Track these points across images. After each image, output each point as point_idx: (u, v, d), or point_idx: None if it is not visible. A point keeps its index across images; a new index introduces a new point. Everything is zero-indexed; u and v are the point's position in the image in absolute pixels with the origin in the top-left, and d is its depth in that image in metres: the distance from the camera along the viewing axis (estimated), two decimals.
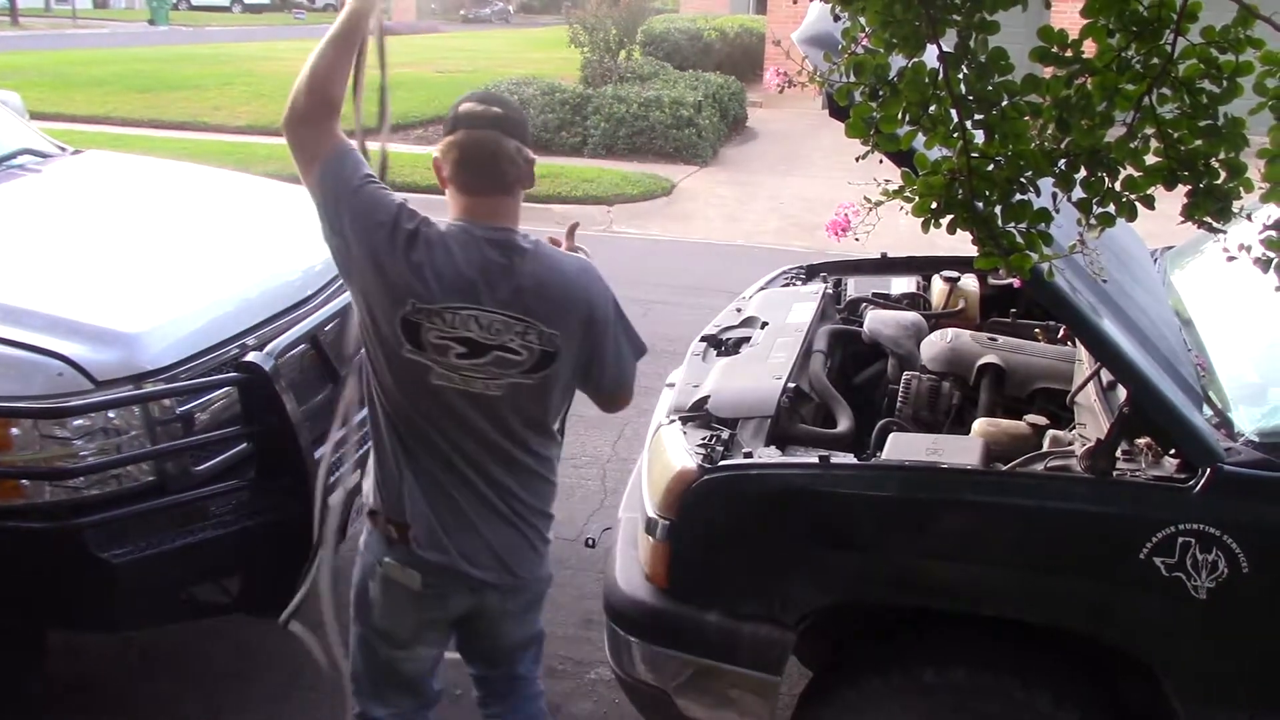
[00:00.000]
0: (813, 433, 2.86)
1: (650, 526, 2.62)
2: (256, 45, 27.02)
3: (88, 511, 2.82)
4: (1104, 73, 1.68)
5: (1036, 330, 3.58)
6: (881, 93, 1.77)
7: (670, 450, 2.68)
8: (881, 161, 1.92)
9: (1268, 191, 1.68)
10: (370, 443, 2.41)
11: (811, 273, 4.19)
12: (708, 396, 2.90)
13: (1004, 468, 2.56)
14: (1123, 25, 1.65)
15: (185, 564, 2.96)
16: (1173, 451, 2.43)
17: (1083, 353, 3.07)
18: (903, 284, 4.06)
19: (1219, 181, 1.70)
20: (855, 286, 4.08)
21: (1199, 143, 1.68)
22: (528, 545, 2.41)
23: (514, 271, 2.18)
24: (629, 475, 3.37)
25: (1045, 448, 2.68)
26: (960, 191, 1.78)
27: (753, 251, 9.50)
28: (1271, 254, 1.79)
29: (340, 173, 2.20)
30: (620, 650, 2.71)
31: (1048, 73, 1.74)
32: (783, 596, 2.54)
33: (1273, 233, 1.76)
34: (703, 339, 3.48)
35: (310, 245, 2.40)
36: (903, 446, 2.64)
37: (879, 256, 4.27)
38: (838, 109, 1.93)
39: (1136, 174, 1.73)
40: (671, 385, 3.24)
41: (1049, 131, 1.75)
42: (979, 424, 2.89)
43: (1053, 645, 2.53)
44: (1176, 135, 1.68)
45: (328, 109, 2.22)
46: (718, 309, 3.88)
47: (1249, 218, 1.80)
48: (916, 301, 3.92)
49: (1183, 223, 1.78)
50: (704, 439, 2.70)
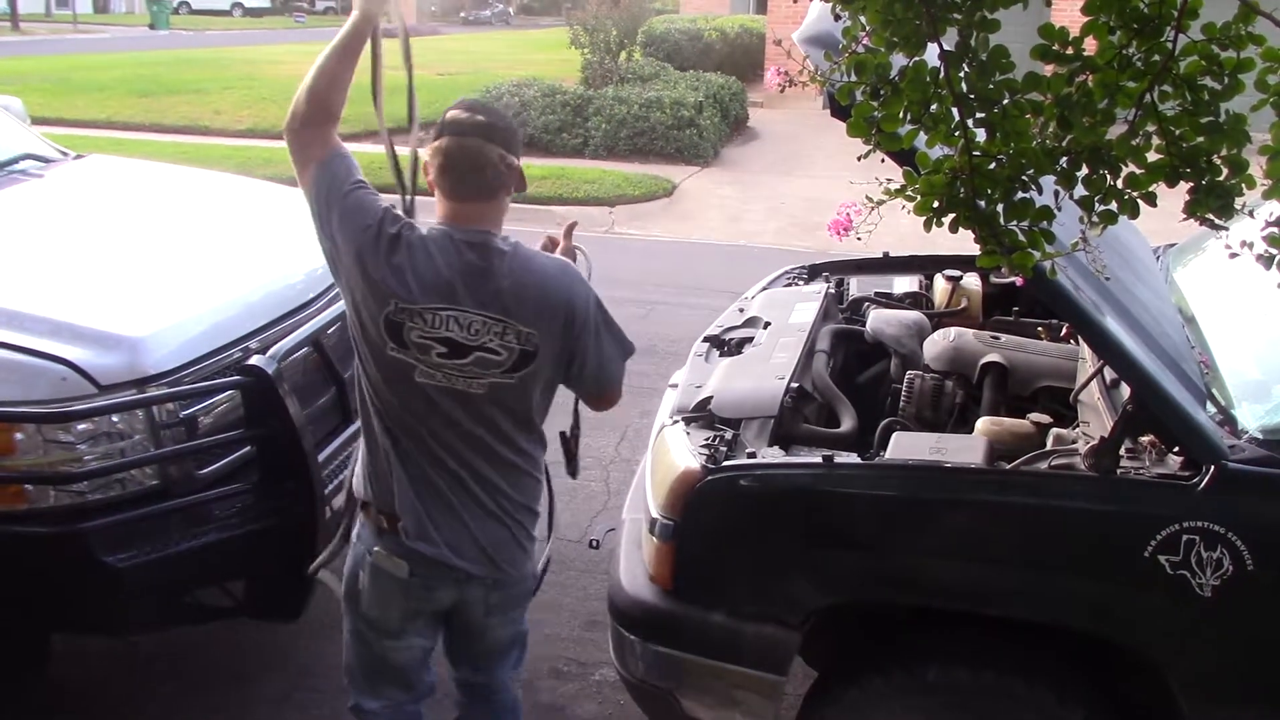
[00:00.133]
0: (816, 432, 2.86)
1: (654, 527, 2.62)
2: (257, 49, 27.03)
3: (92, 516, 2.82)
4: (1105, 70, 1.68)
5: (1039, 329, 3.58)
6: (883, 92, 1.77)
7: (674, 451, 2.68)
8: (883, 161, 1.92)
9: (1270, 188, 1.68)
10: (362, 436, 2.47)
11: (814, 272, 4.19)
12: (711, 397, 2.90)
13: (1008, 466, 2.56)
14: (1124, 22, 1.65)
15: (189, 568, 2.96)
16: (1176, 449, 2.42)
17: (1086, 351, 3.07)
18: (905, 283, 4.05)
19: (1221, 178, 1.70)
20: (858, 286, 4.08)
21: (1200, 140, 1.69)
22: (513, 540, 2.45)
23: (492, 273, 2.24)
24: (632, 476, 3.37)
25: (1049, 446, 2.68)
26: (962, 190, 1.78)
27: (755, 251, 9.50)
28: (1274, 250, 1.79)
29: (333, 176, 2.29)
30: (625, 651, 2.72)
31: (1049, 70, 1.74)
32: (787, 596, 2.54)
33: (1275, 229, 1.76)
34: (705, 339, 3.47)
35: (312, 249, 2.41)
36: (906, 446, 2.64)
37: (881, 256, 4.26)
38: (839, 108, 1.93)
39: (1138, 171, 1.74)
40: (674, 386, 3.24)
41: (1050, 129, 1.75)
42: (982, 423, 2.89)
43: (1056, 644, 2.53)
44: (1178, 132, 1.68)
45: (326, 115, 2.32)
46: (720, 309, 3.88)
47: (1251, 214, 1.80)
48: (919, 300, 3.92)
49: (1185, 220, 1.78)
50: (707, 439, 2.70)
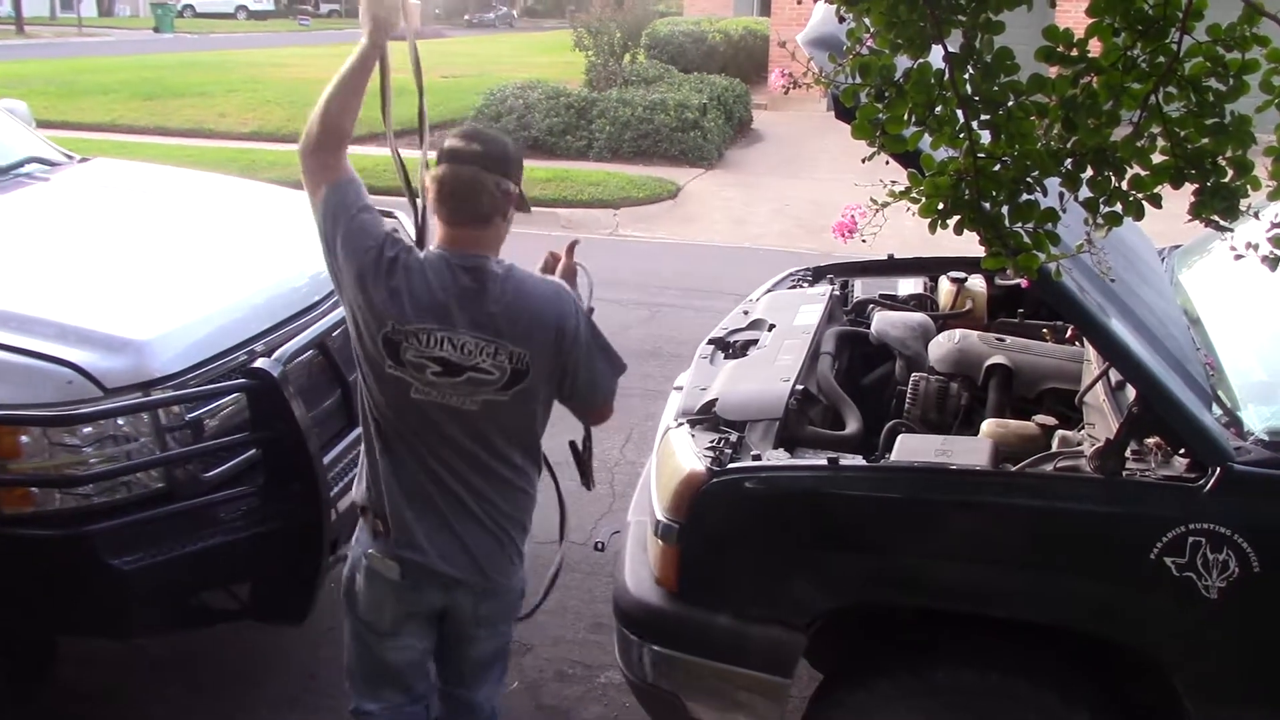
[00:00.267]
0: (821, 435, 2.86)
1: (659, 530, 2.62)
2: (261, 52, 27.12)
3: (98, 519, 2.83)
4: (1110, 72, 1.68)
5: (1044, 330, 3.58)
6: (887, 94, 1.77)
7: (679, 453, 2.68)
8: (888, 163, 1.92)
9: (1275, 189, 1.68)
10: (362, 444, 2.53)
11: (818, 274, 4.19)
12: (716, 399, 2.90)
13: (1013, 468, 2.55)
14: (1128, 24, 1.66)
15: (195, 570, 2.96)
16: (1182, 451, 2.42)
17: (1091, 352, 3.06)
18: (910, 285, 4.05)
19: (1226, 180, 1.70)
20: (862, 288, 4.08)
21: (1206, 141, 1.68)
22: (501, 552, 2.51)
23: (485, 296, 2.33)
24: (638, 479, 3.37)
25: (1054, 448, 2.67)
26: (967, 192, 1.78)
27: (759, 254, 9.50)
28: (1279, 252, 1.79)
29: (342, 199, 2.38)
30: (630, 653, 2.72)
31: (1053, 72, 1.74)
32: (792, 599, 2.54)
33: None
34: (710, 341, 3.47)
35: (316, 252, 2.43)
36: (911, 448, 2.64)
37: (886, 258, 4.26)
38: (843, 110, 1.93)
39: (1143, 173, 1.73)
40: (679, 388, 3.24)
41: (1055, 131, 1.75)
42: (987, 425, 2.88)
43: (1061, 645, 2.52)
44: (1183, 134, 1.68)
45: (338, 139, 2.41)
46: (725, 311, 3.88)
47: (1256, 216, 1.80)
48: (924, 302, 3.91)
49: (1190, 221, 1.77)
50: (712, 441, 2.70)
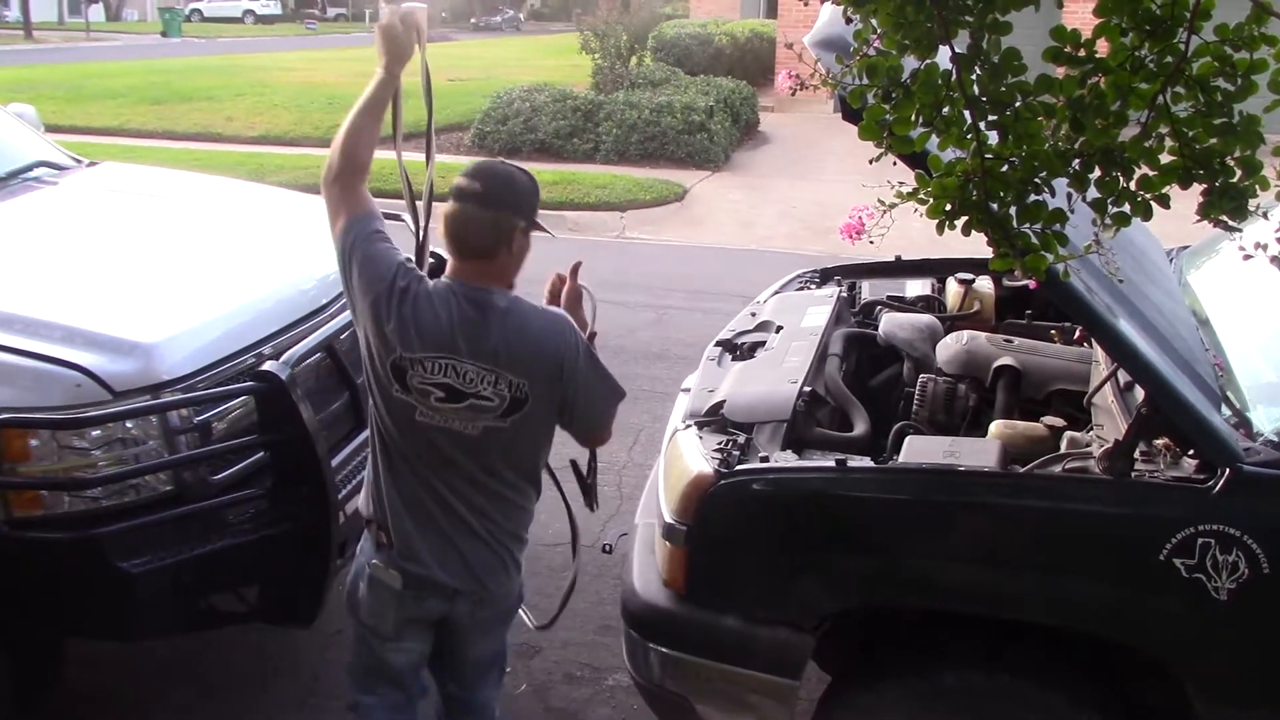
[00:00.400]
0: (829, 436, 2.86)
1: (667, 531, 2.62)
2: (268, 56, 27.19)
3: (106, 521, 2.83)
4: (1118, 72, 1.67)
5: (1052, 331, 3.57)
6: (894, 95, 1.77)
7: (687, 455, 2.68)
8: (895, 164, 1.92)
9: None
10: (369, 459, 2.62)
11: (826, 276, 4.19)
12: (723, 401, 2.90)
13: (1021, 470, 2.55)
14: (1136, 24, 1.65)
15: (203, 573, 2.96)
16: (1191, 452, 2.41)
17: (1099, 354, 3.05)
18: (917, 286, 4.04)
19: (1234, 180, 1.70)
20: (870, 289, 4.08)
21: (1214, 141, 1.68)
22: (499, 563, 2.59)
23: (488, 327, 2.42)
24: (645, 481, 3.36)
25: (1063, 449, 2.67)
26: (975, 193, 1.77)
27: (766, 256, 9.49)
28: None
29: (361, 230, 2.49)
30: (638, 656, 2.72)
31: (1061, 73, 1.74)
32: (800, 600, 2.53)
33: None
34: (717, 343, 3.47)
35: (324, 254, 2.44)
36: (919, 449, 2.64)
37: (893, 259, 4.26)
38: (850, 112, 1.93)
39: (1151, 173, 1.73)
40: (687, 390, 3.24)
41: (1063, 132, 1.74)
42: (996, 426, 2.88)
43: (1068, 646, 2.52)
44: (1191, 134, 1.68)
45: (356, 170, 2.54)
46: (732, 313, 3.88)
47: (1265, 216, 1.80)
48: (931, 304, 3.91)
49: (1198, 222, 1.77)
50: (720, 443, 2.70)
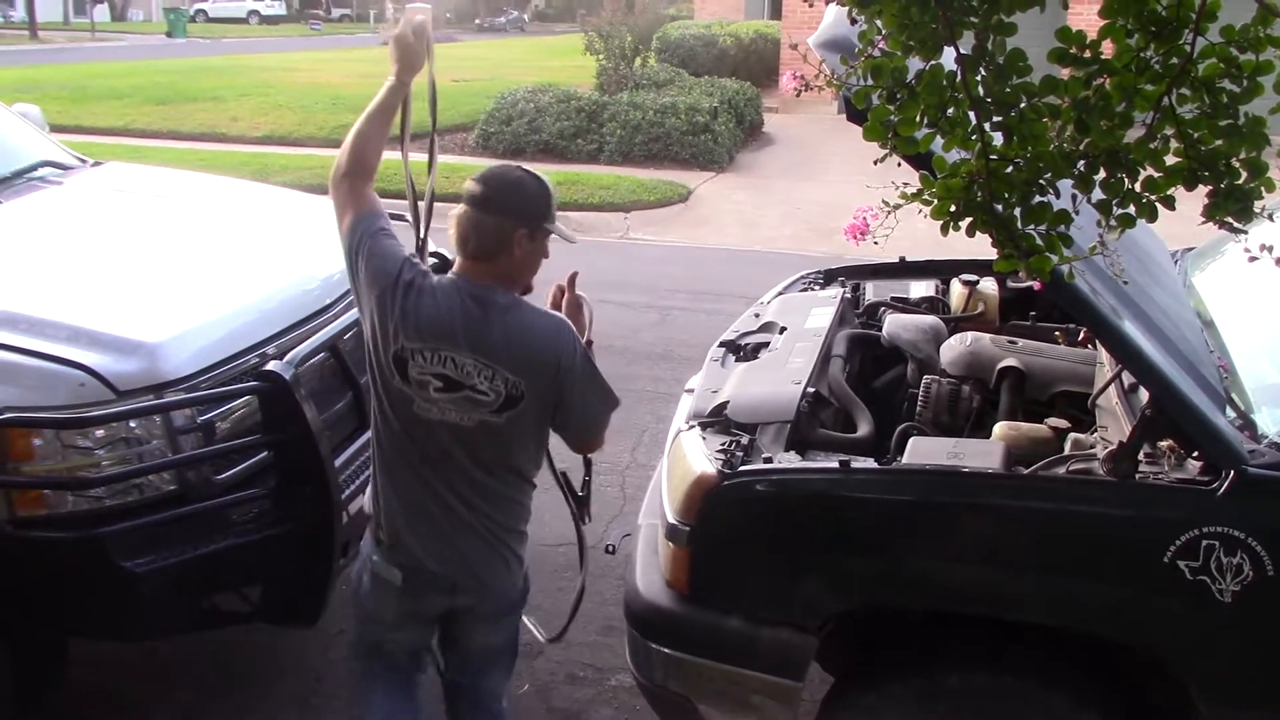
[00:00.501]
0: (832, 437, 2.86)
1: (670, 532, 2.62)
2: (273, 56, 27.22)
3: (110, 521, 2.84)
4: (1123, 73, 1.67)
5: (1056, 333, 3.56)
6: (899, 95, 1.76)
7: (690, 456, 2.68)
8: (899, 165, 1.91)
9: None
10: (371, 458, 2.63)
11: (830, 277, 4.19)
12: (727, 402, 2.89)
13: (1025, 471, 2.54)
14: (1141, 25, 1.65)
15: (207, 573, 2.97)
16: (1196, 454, 2.41)
17: (1104, 355, 3.05)
18: (921, 287, 4.04)
19: (1240, 181, 1.69)
20: (874, 290, 4.07)
21: (1219, 143, 1.68)
22: (498, 558, 2.60)
23: (488, 324, 2.45)
24: (649, 481, 3.36)
25: (1067, 451, 2.66)
26: (979, 194, 1.77)
27: (770, 256, 9.49)
28: None
29: (368, 227, 2.55)
30: (641, 656, 2.71)
31: (1066, 74, 1.74)
32: (803, 601, 2.53)
33: None
34: (721, 344, 3.47)
35: (328, 254, 2.45)
36: (923, 451, 2.64)
37: (897, 260, 4.25)
38: (855, 112, 1.93)
39: (1156, 175, 1.73)
40: (690, 391, 3.24)
41: (1068, 133, 1.74)
42: (1000, 428, 2.87)
43: (1073, 648, 2.51)
44: (1196, 135, 1.68)
45: (364, 171, 2.60)
46: (736, 314, 3.88)
47: (1270, 218, 1.79)
48: (935, 305, 3.90)
49: (1203, 223, 1.77)
50: (724, 444, 2.70)
